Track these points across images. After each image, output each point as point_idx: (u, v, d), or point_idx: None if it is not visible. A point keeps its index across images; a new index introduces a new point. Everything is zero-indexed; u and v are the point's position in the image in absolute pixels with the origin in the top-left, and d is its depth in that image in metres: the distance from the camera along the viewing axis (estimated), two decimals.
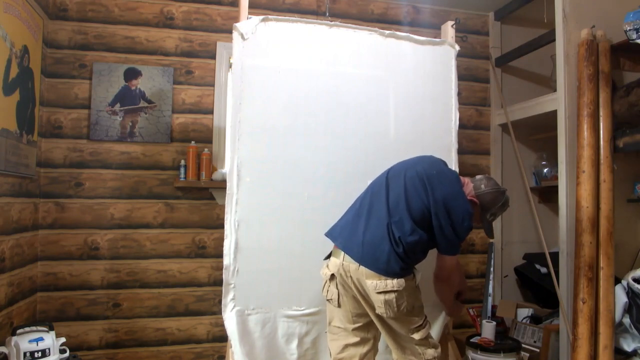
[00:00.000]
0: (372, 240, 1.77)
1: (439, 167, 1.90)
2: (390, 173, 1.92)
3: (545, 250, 2.77)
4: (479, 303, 3.25)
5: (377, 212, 1.82)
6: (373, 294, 1.73)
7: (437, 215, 1.77)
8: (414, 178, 1.82)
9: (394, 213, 1.78)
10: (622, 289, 2.33)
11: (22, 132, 2.35)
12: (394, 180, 1.86)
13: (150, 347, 2.77)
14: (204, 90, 2.92)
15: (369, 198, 1.88)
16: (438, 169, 1.87)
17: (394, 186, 1.84)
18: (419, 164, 1.90)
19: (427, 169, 1.85)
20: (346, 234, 1.85)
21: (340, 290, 1.86)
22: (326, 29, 2.31)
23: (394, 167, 1.96)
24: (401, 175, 1.85)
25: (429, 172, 1.83)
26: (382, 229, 1.77)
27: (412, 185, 1.81)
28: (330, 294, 1.89)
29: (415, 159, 1.95)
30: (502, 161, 3.39)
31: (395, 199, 1.80)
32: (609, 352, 2.23)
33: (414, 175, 1.82)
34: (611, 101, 2.43)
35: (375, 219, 1.81)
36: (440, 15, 3.30)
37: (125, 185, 2.78)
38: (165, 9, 2.89)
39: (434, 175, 1.81)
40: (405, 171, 1.87)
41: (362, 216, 1.84)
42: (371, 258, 1.74)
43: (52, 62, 2.72)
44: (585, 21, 2.54)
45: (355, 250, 1.78)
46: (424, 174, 1.82)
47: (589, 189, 2.35)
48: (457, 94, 2.53)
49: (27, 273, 2.50)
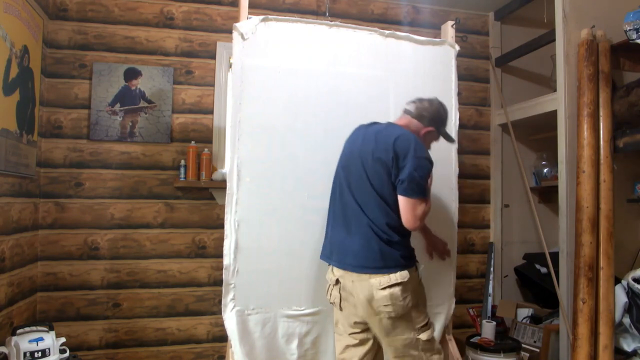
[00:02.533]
0: (361, 245, 1.79)
1: (387, 144, 1.81)
2: (342, 173, 1.94)
3: (545, 250, 2.77)
4: (479, 303, 3.25)
5: (352, 215, 1.84)
6: (377, 294, 1.73)
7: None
8: (374, 165, 1.80)
9: (367, 208, 1.80)
10: (622, 289, 2.33)
11: (22, 132, 2.34)
12: (351, 177, 1.88)
13: (150, 347, 2.77)
14: (204, 90, 2.92)
15: (339, 206, 1.91)
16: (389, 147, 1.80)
17: (355, 184, 1.86)
18: (367, 150, 1.85)
19: (381, 152, 1.80)
20: (336, 250, 1.89)
21: (343, 295, 1.89)
22: (326, 29, 2.31)
23: (340, 165, 1.98)
24: (357, 168, 1.86)
25: (386, 155, 1.78)
26: (364, 229, 1.79)
27: (374, 173, 1.80)
28: (333, 297, 1.93)
29: (359, 143, 1.92)
30: (502, 161, 3.39)
31: (363, 194, 1.82)
32: (609, 352, 2.23)
33: (373, 162, 1.81)
34: (611, 101, 2.43)
35: (355, 222, 1.83)
36: (440, 15, 3.30)
37: (125, 185, 2.78)
38: (165, 9, 2.89)
39: (395, 156, 1.78)
40: (360, 161, 1.86)
41: (341, 226, 1.88)
42: (369, 262, 1.77)
43: (52, 62, 2.72)
44: (585, 21, 2.54)
45: (350, 261, 1.81)
46: (383, 158, 1.79)
47: (589, 189, 2.35)
48: (457, 94, 2.53)
49: (27, 273, 2.50)
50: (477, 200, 3.38)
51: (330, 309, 2.22)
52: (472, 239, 3.35)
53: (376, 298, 1.75)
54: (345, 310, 1.91)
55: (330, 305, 2.22)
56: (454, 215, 2.48)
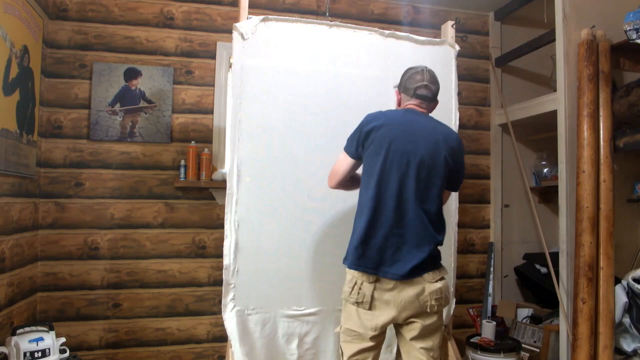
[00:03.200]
0: (422, 244, 1.73)
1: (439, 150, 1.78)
2: (403, 168, 1.75)
3: (545, 250, 2.77)
4: (479, 303, 3.25)
5: (410, 213, 1.73)
6: (430, 287, 1.71)
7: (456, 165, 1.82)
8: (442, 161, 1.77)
9: (424, 200, 1.74)
10: (622, 289, 2.33)
11: (22, 132, 2.35)
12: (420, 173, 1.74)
13: (150, 347, 2.77)
14: (204, 90, 2.92)
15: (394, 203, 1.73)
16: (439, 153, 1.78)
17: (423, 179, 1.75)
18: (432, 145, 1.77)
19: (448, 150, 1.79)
20: (398, 258, 1.71)
21: (378, 295, 1.70)
22: (326, 29, 2.31)
23: (397, 156, 1.76)
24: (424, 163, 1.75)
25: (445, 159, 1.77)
26: (423, 226, 1.73)
27: (442, 170, 1.77)
28: (361, 296, 1.71)
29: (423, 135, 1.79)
30: (502, 161, 3.39)
31: (423, 187, 1.74)
32: (609, 352, 2.23)
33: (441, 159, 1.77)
34: (611, 101, 2.43)
35: (413, 221, 1.73)
36: (440, 15, 3.30)
37: (125, 185, 2.78)
38: (165, 9, 2.89)
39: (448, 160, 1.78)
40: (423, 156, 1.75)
41: (398, 228, 1.72)
42: (429, 260, 1.75)
43: (52, 62, 2.72)
44: (585, 21, 2.54)
45: (414, 266, 1.70)
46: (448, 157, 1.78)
47: (589, 189, 2.35)
48: (457, 94, 2.53)
49: (27, 273, 2.50)
50: (477, 200, 3.38)
51: (331, 309, 2.22)
52: (472, 239, 3.35)
53: (427, 293, 1.71)
54: (376, 310, 1.71)
55: (330, 305, 2.22)
56: (454, 215, 2.47)
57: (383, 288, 1.70)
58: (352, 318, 1.74)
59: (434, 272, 1.76)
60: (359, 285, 1.71)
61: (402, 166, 1.71)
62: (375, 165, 1.73)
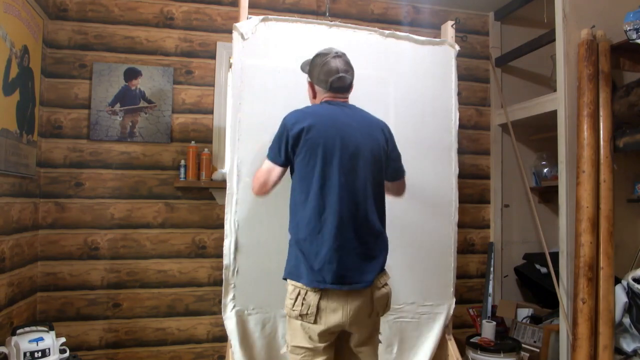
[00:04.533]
0: (373, 247, 1.66)
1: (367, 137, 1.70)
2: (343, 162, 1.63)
3: (545, 250, 2.77)
4: (479, 303, 3.25)
5: (356, 216, 1.63)
6: (377, 293, 1.64)
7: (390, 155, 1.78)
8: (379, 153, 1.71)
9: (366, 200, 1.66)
10: (622, 289, 2.33)
11: (22, 132, 2.34)
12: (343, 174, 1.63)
13: (150, 347, 2.77)
14: (204, 90, 2.92)
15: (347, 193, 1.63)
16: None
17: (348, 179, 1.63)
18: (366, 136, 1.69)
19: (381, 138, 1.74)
20: (347, 265, 1.59)
21: (324, 305, 1.57)
22: (326, 29, 2.31)
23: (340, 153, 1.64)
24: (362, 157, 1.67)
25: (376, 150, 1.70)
26: (373, 227, 1.65)
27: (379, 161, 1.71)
28: (305, 308, 1.57)
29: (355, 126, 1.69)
30: (502, 161, 3.39)
31: (361, 186, 1.65)
32: (609, 352, 2.23)
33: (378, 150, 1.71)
34: (611, 101, 2.43)
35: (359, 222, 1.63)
36: (440, 15, 3.30)
37: (125, 185, 2.78)
38: (165, 9, 2.89)
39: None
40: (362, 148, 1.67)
41: (346, 230, 1.61)
42: (379, 263, 1.66)
43: (52, 62, 2.72)
44: (585, 21, 2.54)
45: (364, 274, 1.62)
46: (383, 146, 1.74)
47: (589, 189, 2.35)
48: (457, 94, 2.53)
49: (27, 273, 2.50)
50: (477, 200, 3.38)
51: None
52: (472, 239, 3.35)
53: (375, 299, 1.64)
54: (323, 321, 1.58)
55: None
56: (454, 215, 2.47)
57: (330, 297, 1.57)
58: (299, 334, 1.61)
59: (381, 277, 1.67)
60: (303, 296, 1.57)
61: (344, 166, 1.61)
62: (313, 169, 1.61)
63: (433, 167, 2.45)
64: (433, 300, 2.40)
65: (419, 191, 2.42)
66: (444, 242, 2.45)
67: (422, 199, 2.42)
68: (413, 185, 2.41)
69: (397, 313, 2.34)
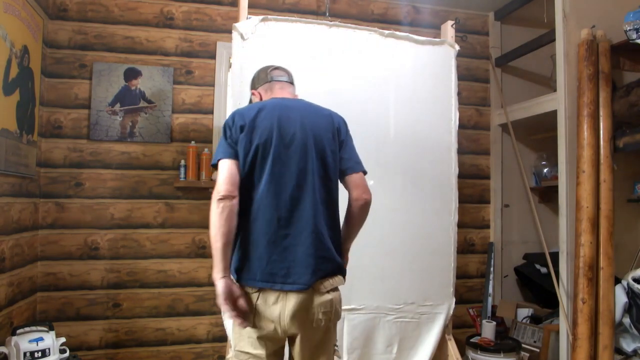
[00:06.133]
0: (317, 248, 1.50)
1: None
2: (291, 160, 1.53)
3: (545, 250, 2.77)
4: (479, 303, 3.25)
5: (300, 208, 1.50)
6: (320, 298, 1.48)
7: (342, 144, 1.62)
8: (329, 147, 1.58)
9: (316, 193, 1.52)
10: (622, 289, 2.33)
11: (22, 132, 2.34)
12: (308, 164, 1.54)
13: (150, 347, 2.77)
14: (204, 90, 2.92)
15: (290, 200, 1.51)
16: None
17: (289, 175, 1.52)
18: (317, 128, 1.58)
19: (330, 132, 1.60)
20: (286, 266, 1.47)
21: (262, 308, 1.48)
22: (326, 29, 2.32)
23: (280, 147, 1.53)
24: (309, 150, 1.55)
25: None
26: (320, 226, 1.51)
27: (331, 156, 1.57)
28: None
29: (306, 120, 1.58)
30: (502, 161, 3.39)
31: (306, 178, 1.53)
32: (609, 352, 2.23)
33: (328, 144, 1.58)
34: (611, 101, 2.43)
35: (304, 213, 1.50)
36: (440, 15, 3.30)
37: (125, 185, 2.78)
38: (165, 9, 2.89)
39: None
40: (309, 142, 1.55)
41: (286, 227, 1.49)
42: (323, 266, 1.50)
43: (52, 62, 2.72)
44: (585, 21, 2.54)
45: (298, 276, 1.47)
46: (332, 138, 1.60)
47: (589, 189, 2.35)
48: (457, 94, 2.53)
49: (27, 273, 2.50)
50: (477, 200, 3.38)
51: None
52: (472, 239, 3.35)
53: (315, 305, 1.49)
54: (262, 325, 1.49)
55: None
56: (454, 215, 2.48)
57: (267, 300, 1.47)
58: (242, 338, 1.51)
59: (326, 281, 1.50)
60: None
61: (280, 159, 1.50)
62: (250, 163, 1.50)
63: (433, 167, 2.45)
64: (433, 300, 2.40)
65: (419, 191, 2.42)
66: (444, 242, 2.45)
67: (422, 199, 2.42)
68: (413, 186, 2.42)
69: (397, 313, 2.34)
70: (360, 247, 2.28)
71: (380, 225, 2.32)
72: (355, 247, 2.28)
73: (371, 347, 2.31)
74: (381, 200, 2.34)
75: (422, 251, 2.39)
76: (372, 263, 2.30)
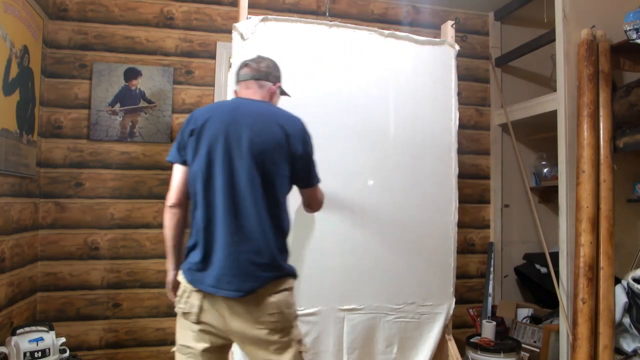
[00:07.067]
0: (259, 252, 1.48)
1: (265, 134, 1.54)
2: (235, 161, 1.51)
3: (545, 250, 2.77)
4: (479, 303, 3.25)
5: (243, 210, 1.49)
6: (265, 301, 1.47)
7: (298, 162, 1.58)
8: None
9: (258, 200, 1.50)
10: (622, 289, 2.33)
11: (22, 132, 2.35)
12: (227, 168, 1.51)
13: (150, 347, 2.77)
14: (204, 90, 2.92)
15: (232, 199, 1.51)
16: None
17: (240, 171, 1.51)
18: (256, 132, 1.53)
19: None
20: (228, 271, 1.46)
21: (206, 305, 1.49)
22: (326, 29, 2.31)
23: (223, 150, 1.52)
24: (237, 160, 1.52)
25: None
26: (261, 231, 1.49)
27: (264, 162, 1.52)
28: (188, 306, 1.51)
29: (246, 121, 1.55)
30: (502, 161, 3.39)
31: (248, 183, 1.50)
32: (609, 352, 2.23)
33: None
34: (611, 101, 2.43)
35: (246, 219, 1.49)
36: (440, 15, 3.30)
37: (125, 185, 2.78)
38: (165, 9, 2.89)
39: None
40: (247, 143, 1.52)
41: (232, 233, 1.49)
42: (266, 270, 1.49)
43: (52, 62, 2.72)
44: (585, 21, 2.54)
45: (241, 282, 1.46)
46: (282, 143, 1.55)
47: (589, 189, 2.35)
48: (457, 94, 2.53)
49: (27, 273, 2.50)
50: (477, 200, 3.38)
51: (330, 309, 2.23)
52: (472, 239, 3.35)
53: (260, 308, 1.48)
54: (204, 320, 1.51)
55: (330, 305, 2.23)
56: (454, 215, 2.48)
57: (213, 301, 1.48)
58: (186, 333, 1.52)
59: (271, 285, 1.49)
60: (188, 293, 1.51)
61: (223, 165, 1.49)
62: (198, 168, 1.52)
63: (433, 167, 2.45)
64: (433, 300, 2.40)
65: (419, 191, 2.42)
66: (444, 242, 2.45)
67: (422, 199, 2.42)
68: (413, 186, 2.42)
69: (397, 313, 2.34)
70: (361, 247, 2.30)
71: (380, 225, 2.32)
72: (355, 247, 2.29)
73: (371, 347, 2.31)
74: (381, 200, 2.34)
75: (422, 251, 2.39)
76: (372, 263, 2.30)
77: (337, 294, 2.26)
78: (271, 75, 1.72)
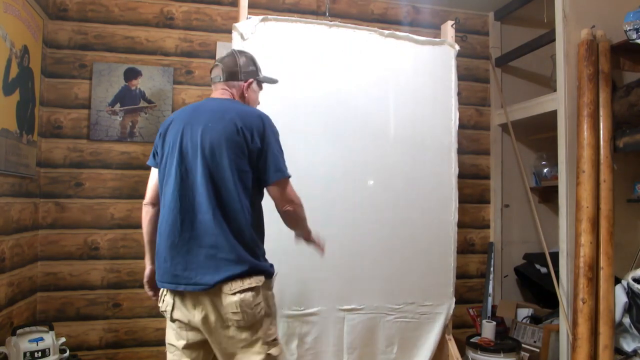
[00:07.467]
0: (218, 249, 1.48)
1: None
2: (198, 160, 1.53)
3: (545, 250, 2.77)
4: (479, 303, 3.25)
5: (198, 208, 1.51)
6: (226, 299, 1.46)
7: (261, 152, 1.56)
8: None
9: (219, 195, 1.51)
10: (622, 289, 2.33)
11: (22, 132, 2.35)
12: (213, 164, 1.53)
13: (150, 347, 2.77)
14: (204, 90, 2.92)
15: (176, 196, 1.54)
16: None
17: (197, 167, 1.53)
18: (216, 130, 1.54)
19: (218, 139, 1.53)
20: (189, 267, 1.49)
21: (177, 302, 1.53)
22: (326, 29, 2.32)
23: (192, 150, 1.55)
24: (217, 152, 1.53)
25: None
26: (218, 227, 1.49)
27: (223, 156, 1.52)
28: (165, 304, 1.57)
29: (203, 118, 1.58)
30: (502, 161, 3.39)
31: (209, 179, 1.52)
32: (609, 352, 2.23)
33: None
34: (611, 101, 2.43)
35: (203, 215, 1.51)
36: (440, 15, 3.30)
37: (125, 185, 2.78)
38: (165, 9, 2.89)
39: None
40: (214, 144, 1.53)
41: (183, 231, 1.51)
42: (227, 267, 1.48)
43: (52, 62, 2.72)
44: (585, 21, 2.54)
45: (200, 276, 1.48)
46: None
47: (589, 189, 2.35)
48: (457, 94, 2.53)
49: (27, 273, 2.50)
50: (477, 200, 3.38)
51: (331, 309, 2.23)
52: (472, 239, 3.35)
53: (224, 306, 1.47)
54: (179, 323, 1.56)
55: (330, 305, 2.23)
56: (454, 215, 2.48)
57: (184, 298, 1.52)
58: (169, 331, 1.61)
59: (234, 282, 1.46)
60: (165, 292, 1.58)
61: (181, 162, 1.53)
62: (161, 167, 1.62)
63: (433, 167, 2.45)
64: (433, 300, 2.41)
65: (419, 191, 2.42)
66: (444, 242, 2.45)
67: (422, 199, 2.42)
68: (413, 186, 2.42)
69: (397, 313, 2.34)
70: (360, 247, 2.30)
71: (380, 225, 2.32)
72: (355, 247, 2.29)
73: (371, 347, 2.31)
74: (381, 200, 2.35)
75: (422, 251, 2.39)
76: (372, 263, 2.30)
77: (337, 294, 2.26)
78: (241, 72, 1.71)
